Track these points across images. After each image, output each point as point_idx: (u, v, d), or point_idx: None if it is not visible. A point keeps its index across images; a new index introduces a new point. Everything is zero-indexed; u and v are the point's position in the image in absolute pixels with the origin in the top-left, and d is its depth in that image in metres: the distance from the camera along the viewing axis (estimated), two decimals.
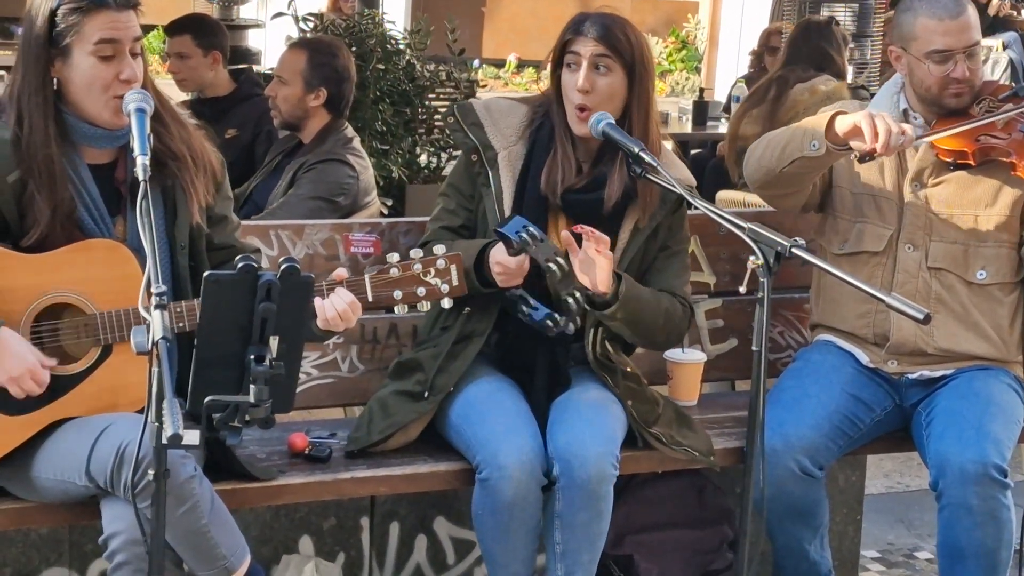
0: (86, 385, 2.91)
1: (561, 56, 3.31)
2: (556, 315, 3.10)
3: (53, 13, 2.88)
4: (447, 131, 3.50)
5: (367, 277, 2.94)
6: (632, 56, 3.28)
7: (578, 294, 3.06)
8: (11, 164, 2.88)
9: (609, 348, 3.38)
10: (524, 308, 3.15)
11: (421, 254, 2.94)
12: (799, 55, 6.15)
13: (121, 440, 2.74)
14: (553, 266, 3.01)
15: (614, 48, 3.26)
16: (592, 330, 3.33)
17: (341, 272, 2.95)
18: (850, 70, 7.10)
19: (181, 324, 2.85)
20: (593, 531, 3.24)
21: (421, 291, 2.93)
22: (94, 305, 2.88)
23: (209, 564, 2.86)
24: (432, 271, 2.93)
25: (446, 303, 2.96)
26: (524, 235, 3.00)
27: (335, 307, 2.89)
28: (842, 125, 3.32)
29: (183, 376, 2.64)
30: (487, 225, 3.32)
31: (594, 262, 3.15)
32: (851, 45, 6.46)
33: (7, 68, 8.33)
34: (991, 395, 3.46)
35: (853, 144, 3.32)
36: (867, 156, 3.32)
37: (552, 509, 3.22)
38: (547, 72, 3.42)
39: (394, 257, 2.94)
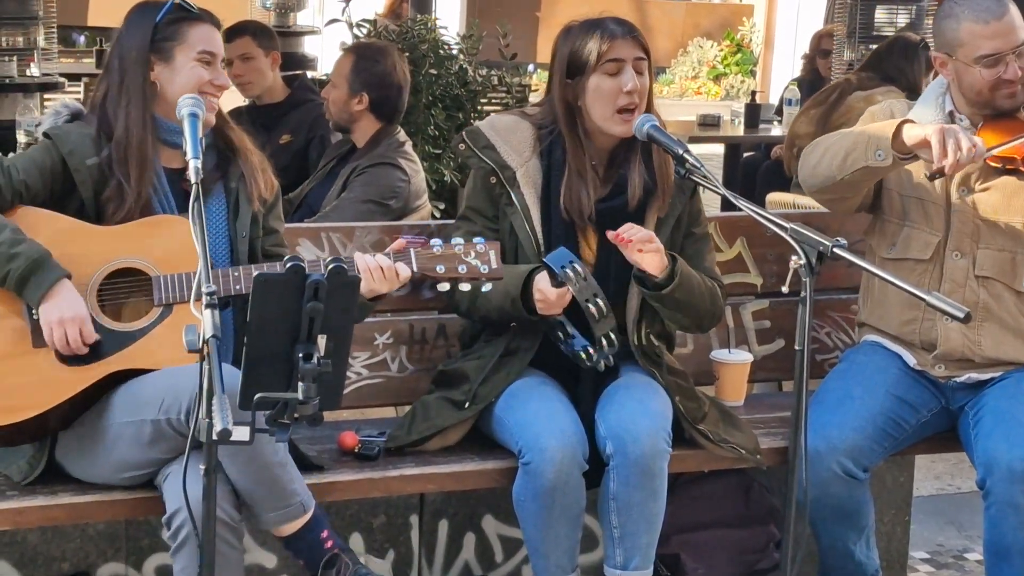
0: (147, 340, 3.05)
1: (584, 65, 3.32)
2: (591, 348, 3.18)
3: (156, 25, 3.16)
4: (460, 158, 3.55)
5: (412, 249, 3.08)
6: (651, 56, 3.37)
7: (613, 335, 3.13)
8: (92, 151, 3.13)
9: (654, 342, 3.41)
10: (561, 335, 3.21)
11: (463, 241, 3.07)
12: (877, 66, 6.09)
13: (199, 382, 2.82)
14: (592, 307, 3.09)
15: (645, 49, 3.34)
16: (636, 325, 3.36)
17: (395, 244, 3.11)
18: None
19: (239, 287, 3.01)
20: (649, 511, 3.26)
21: (462, 268, 3.06)
22: (157, 269, 3.05)
23: (285, 501, 2.98)
24: (472, 252, 3.07)
25: (486, 286, 3.06)
26: (568, 271, 3.08)
27: (377, 261, 3.04)
28: (911, 137, 3.30)
29: (239, 348, 2.83)
30: (516, 242, 3.36)
31: (643, 255, 3.20)
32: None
33: (69, 76, 8.50)
34: None
35: (922, 156, 3.30)
36: (937, 174, 3.30)
37: (607, 491, 3.25)
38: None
39: (436, 241, 3.08)
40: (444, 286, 3.06)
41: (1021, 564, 3.34)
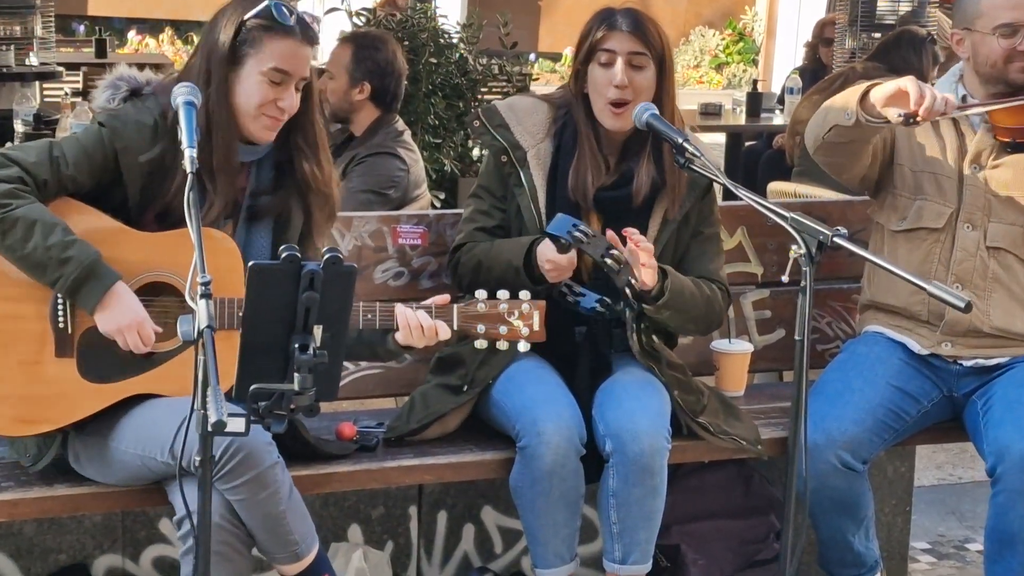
0: (173, 364, 2.98)
1: (589, 52, 3.32)
2: (607, 299, 3.15)
3: (242, 24, 3.00)
4: (474, 135, 3.51)
5: (455, 307, 3.01)
6: (662, 51, 3.32)
7: (634, 282, 3.11)
8: (147, 145, 2.98)
9: (654, 338, 3.39)
10: (571, 297, 3.18)
11: (507, 295, 2.99)
12: (884, 56, 6.08)
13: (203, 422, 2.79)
14: (609, 260, 3.06)
15: (648, 44, 3.30)
16: (635, 323, 3.34)
17: (441, 298, 3.02)
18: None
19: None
20: (648, 507, 3.25)
21: (504, 330, 3.01)
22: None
23: (282, 548, 2.94)
24: (517, 312, 3.01)
25: (523, 347, 3.02)
26: (576, 234, 3.05)
27: (417, 318, 2.96)
28: (883, 90, 3.29)
29: None
30: (522, 223, 3.35)
31: (637, 261, 3.17)
32: (941, 60, 6.35)
33: (67, 65, 8.47)
34: None
35: (892, 111, 3.28)
36: (911, 118, 3.27)
37: (606, 488, 3.24)
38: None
39: (482, 294, 3.01)
40: (481, 343, 3.02)
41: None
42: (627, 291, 3.13)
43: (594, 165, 3.34)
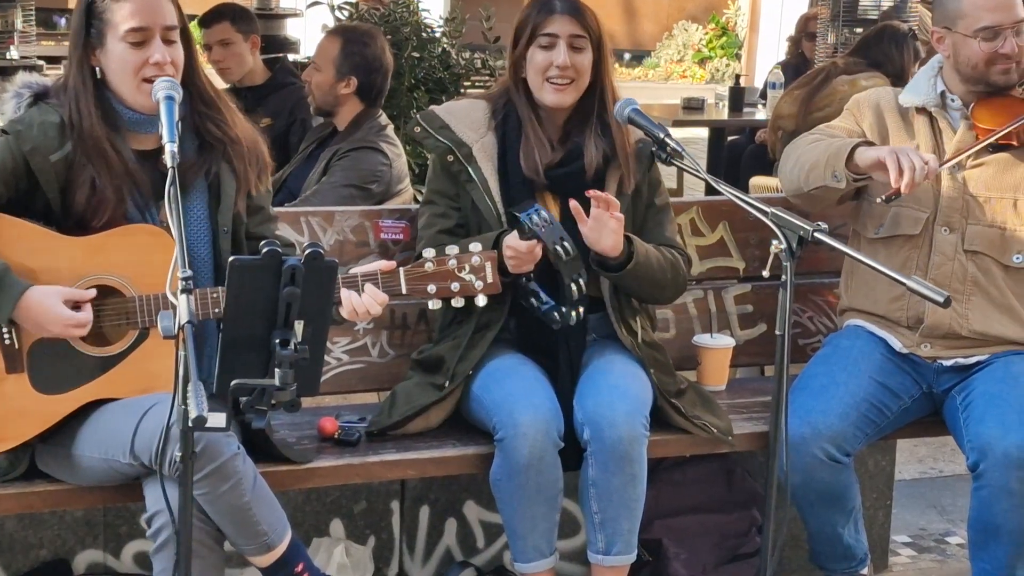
0: (123, 367, 2.96)
1: (530, 38, 3.36)
2: (561, 308, 3.14)
3: (91, 3, 2.96)
4: (418, 141, 3.53)
5: (401, 270, 2.97)
6: (599, 34, 3.40)
7: (582, 281, 3.09)
8: (56, 144, 2.95)
9: (636, 320, 3.45)
10: (534, 301, 3.19)
11: (457, 251, 2.97)
12: (865, 51, 6.07)
13: (167, 419, 2.78)
14: (559, 248, 3.04)
15: (586, 27, 3.38)
16: (612, 294, 3.39)
17: (384, 264, 2.98)
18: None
19: (217, 310, 2.89)
20: (629, 496, 3.26)
21: (455, 286, 2.97)
22: (133, 288, 2.94)
23: (251, 539, 2.92)
24: (467, 267, 2.97)
25: (480, 300, 2.99)
26: (535, 217, 3.04)
27: (364, 304, 2.94)
28: (864, 159, 3.35)
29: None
30: (479, 217, 3.37)
31: (604, 226, 3.20)
32: (922, 56, 6.35)
33: (49, 59, 8.44)
34: None
35: (876, 177, 3.34)
36: (893, 196, 3.31)
37: (586, 477, 3.26)
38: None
39: (429, 253, 2.98)
40: (436, 303, 2.99)
41: (1009, 542, 3.35)
42: (574, 288, 3.09)
43: (540, 145, 3.38)
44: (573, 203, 3.20)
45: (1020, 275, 3.54)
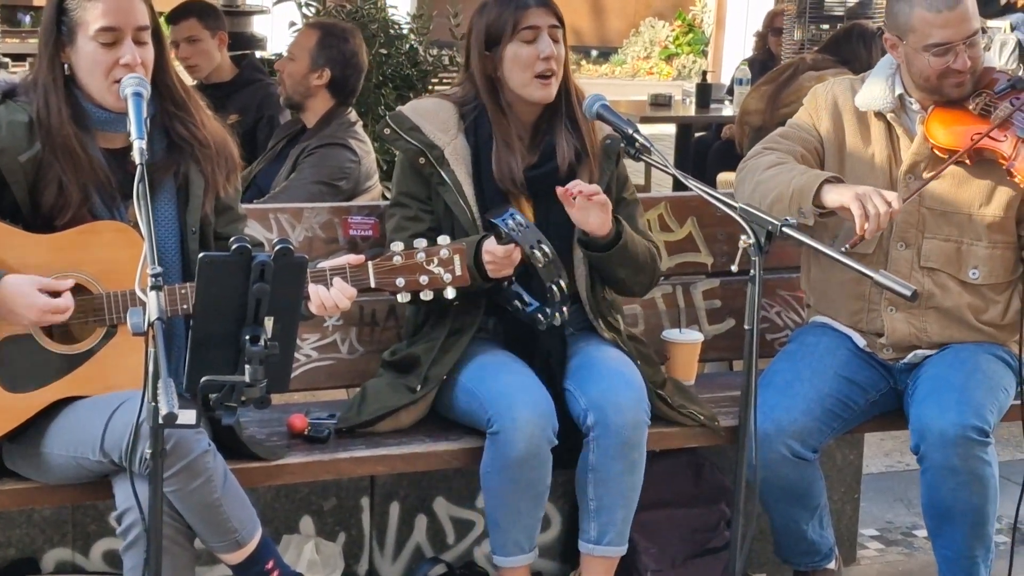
0: (91, 364, 2.94)
1: (506, 34, 3.34)
2: (545, 309, 3.14)
3: (62, 1, 2.94)
4: (388, 143, 3.51)
5: (370, 264, 2.96)
6: (564, 25, 3.41)
7: (563, 283, 3.09)
8: (24, 144, 2.94)
9: (610, 303, 3.49)
10: (518, 304, 3.19)
11: (425, 244, 2.96)
12: (835, 49, 6.08)
13: (136, 416, 2.76)
14: (538, 252, 3.03)
15: (559, 18, 3.39)
16: (589, 290, 3.41)
17: (353, 257, 2.97)
18: None
19: (186, 306, 2.89)
20: (627, 484, 3.28)
21: (424, 279, 2.96)
22: (101, 286, 2.93)
23: (220, 537, 2.91)
24: (436, 260, 2.96)
25: (450, 293, 2.97)
26: (510, 222, 3.04)
27: (333, 298, 2.94)
28: (830, 200, 3.30)
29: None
30: (453, 219, 3.35)
31: (592, 208, 3.20)
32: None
33: (14, 56, 8.40)
34: (977, 364, 3.46)
35: (842, 215, 3.32)
36: (856, 243, 3.28)
37: (585, 463, 3.27)
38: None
39: (398, 246, 2.97)
40: (405, 296, 2.97)
41: (963, 522, 3.37)
42: (556, 290, 3.08)
43: (513, 152, 3.36)
44: (560, 190, 3.20)
45: (976, 291, 3.53)
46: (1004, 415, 3.52)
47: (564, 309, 3.12)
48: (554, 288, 3.08)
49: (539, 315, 3.14)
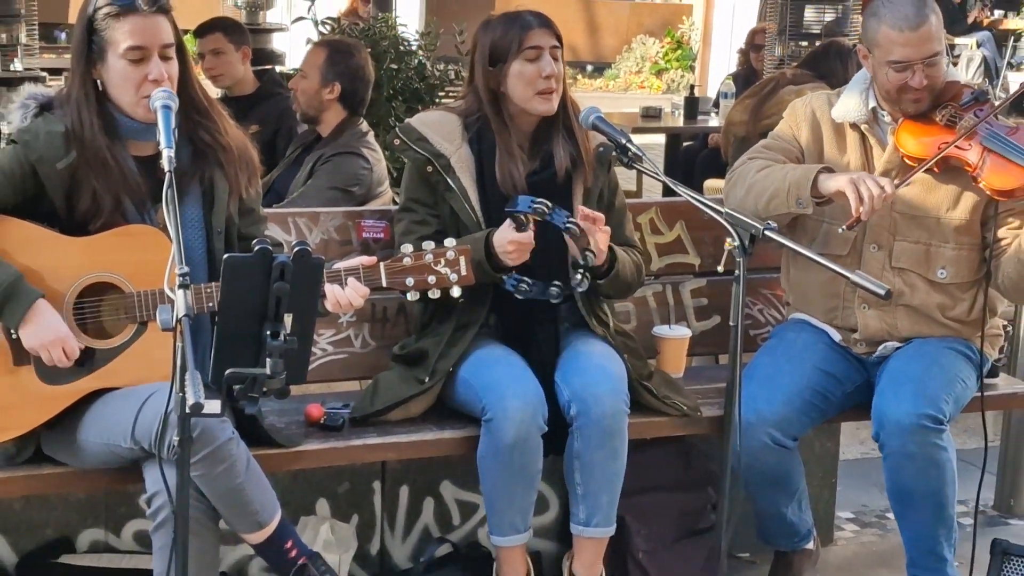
0: (123, 358, 2.96)
1: (510, 53, 3.34)
2: (558, 283, 3.15)
3: (91, 19, 2.95)
4: (398, 152, 3.52)
5: (382, 265, 2.97)
6: (563, 43, 3.42)
7: (589, 252, 3.15)
8: (61, 153, 2.94)
9: (604, 307, 3.49)
10: (525, 287, 3.18)
11: (433, 246, 2.97)
12: (813, 65, 6.08)
13: (165, 406, 2.77)
14: (572, 227, 3.08)
15: (559, 38, 3.40)
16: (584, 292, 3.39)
17: (366, 259, 2.98)
18: None
19: (211, 304, 2.90)
20: (610, 469, 3.29)
21: (432, 279, 2.96)
22: (132, 285, 2.94)
23: (244, 518, 2.93)
24: (443, 261, 2.96)
25: (456, 292, 2.98)
26: (537, 206, 3.07)
27: (347, 296, 2.94)
28: (826, 187, 3.33)
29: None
30: (459, 224, 3.36)
31: (596, 234, 3.20)
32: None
33: (51, 71, 8.41)
34: (936, 357, 3.46)
35: (838, 201, 3.33)
36: (854, 224, 3.29)
37: (571, 451, 3.28)
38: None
39: (407, 248, 2.97)
40: (414, 295, 2.98)
41: (924, 505, 3.37)
42: (589, 256, 3.14)
43: (515, 160, 3.37)
44: (581, 209, 3.22)
45: (944, 289, 3.53)
46: (966, 407, 3.52)
47: (588, 275, 3.17)
48: (588, 254, 3.13)
49: (552, 289, 3.15)
